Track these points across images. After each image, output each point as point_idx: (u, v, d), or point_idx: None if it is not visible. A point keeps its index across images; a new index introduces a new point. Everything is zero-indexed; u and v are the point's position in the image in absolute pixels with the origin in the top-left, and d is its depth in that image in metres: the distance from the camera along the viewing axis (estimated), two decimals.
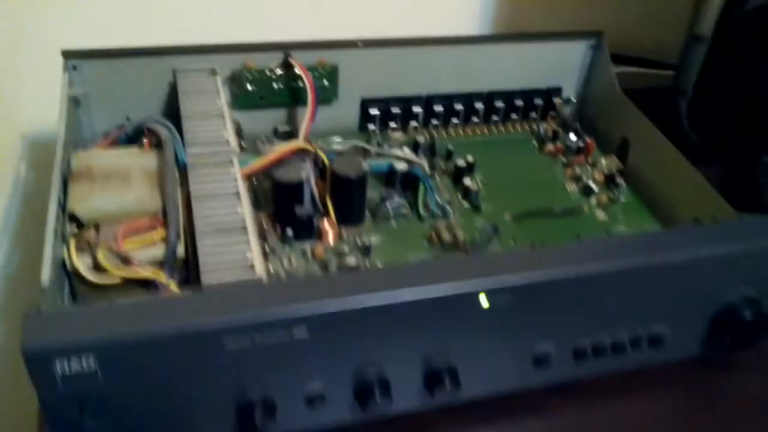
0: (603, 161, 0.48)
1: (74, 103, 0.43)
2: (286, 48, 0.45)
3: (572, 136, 0.49)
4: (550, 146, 0.49)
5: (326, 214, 0.41)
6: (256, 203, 0.41)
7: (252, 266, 0.32)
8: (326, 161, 0.41)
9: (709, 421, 0.36)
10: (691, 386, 0.38)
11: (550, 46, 0.50)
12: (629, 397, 0.37)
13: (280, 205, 0.40)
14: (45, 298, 0.28)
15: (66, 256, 0.33)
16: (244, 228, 0.34)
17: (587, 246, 0.33)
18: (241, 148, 0.43)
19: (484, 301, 0.30)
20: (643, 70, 0.58)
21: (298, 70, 0.45)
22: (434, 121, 0.50)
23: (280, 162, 0.40)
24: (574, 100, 0.52)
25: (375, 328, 0.30)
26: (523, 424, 0.35)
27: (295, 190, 0.39)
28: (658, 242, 0.33)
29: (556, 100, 0.51)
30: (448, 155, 0.47)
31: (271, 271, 0.37)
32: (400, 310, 0.29)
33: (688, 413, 0.37)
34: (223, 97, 0.43)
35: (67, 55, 0.42)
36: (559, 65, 0.51)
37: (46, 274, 0.29)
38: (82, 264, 0.33)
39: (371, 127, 0.49)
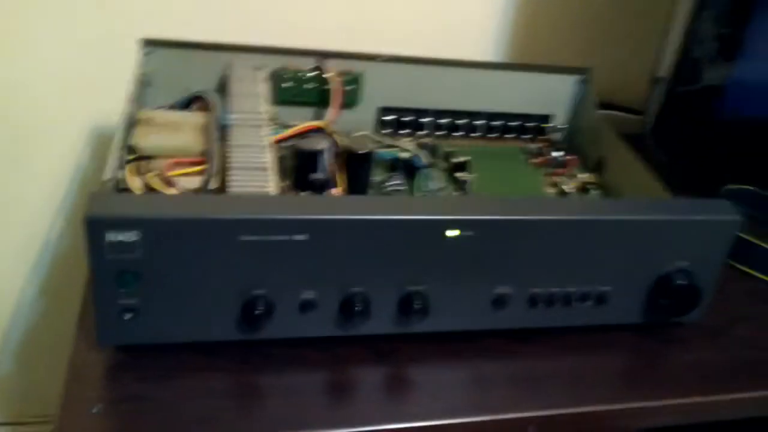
0: (581, 175, 0.55)
1: (143, 82, 0.52)
2: (320, 55, 0.55)
3: (557, 153, 0.57)
4: (536, 159, 0.57)
5: (337, 185, 0.49)
6: (280, 174, 0.49)
7: None
8: (340, 140, 0.49)
9: (647, 379, 0.41)
10: (634, 350, 0.43)
11: (545, 77, 0.59)
12: (577, 352, 0.42)
13: (299, 170, 0.48)
14: (105, 186, 0.36)
15: (123, 177, 0.41)
16: (266, 169, 0.42)
17: (545, 200, 0.40)
18: None
19: (450, 232, 0.37)
20: (623, 115, 0.66)
21: (328, 74, 0.54)
22: (440, 132, 0.59)
23: (302, 135, 0.49)
24: (563, 127, 0.60)
25: (360, 243, 0.37)
26: (480, 362, 0.41)
27: (313, 157, 0.47)
28: (604, 205, 0.40)
29: (547, 126, 0.59)
30: (447, 157, 0.55)
31: None
32: (380, 228, 0.36)
33: (628, 371, 0.42)
34: (263, 86, 0.52)
35: (144, 42, 0.52)
36: (551, 95, 0.59)
37: (108, 173, 0.37)
38: (134, 183, 0.41)
39: (385, 131, 0.58)
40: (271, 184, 0.41)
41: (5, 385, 0.82)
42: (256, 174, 0.41)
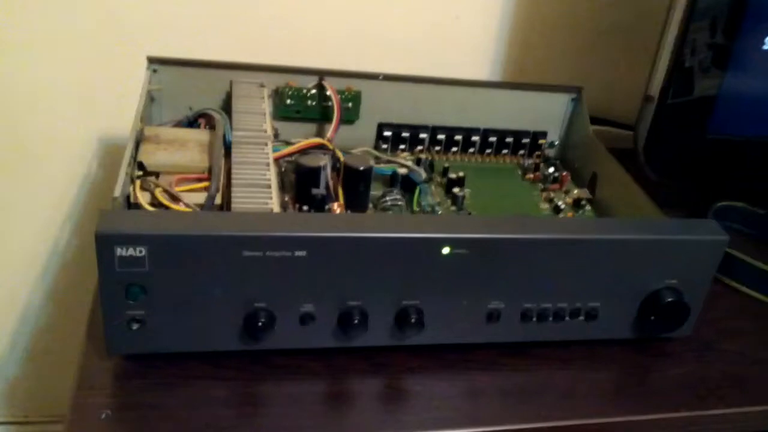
0: (575, 191, 0.56)
1: (150, 98, 0.54)
2: (321, 73, 0.56)
3: (551, 169, 0.58)
4: (530, 175, 0.58)
5: (337, 199, 0.50)
6: (282, 188, 0.51)
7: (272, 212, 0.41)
8: (341, 156, 0.51)
9: (637, 393, 0.43)
10: (624, 364, 0.44)
11: (539, 95, 0.60)
12: (568, 366, 0.44)
13: (300, 186, 0.49)
14: (115, 203, 0.38)
15: (131, 192, 0.43)
16: (269, 186, 0.43)
17: (536, 220, 0.41)
18: None
19: (445, 249, 0.39)
20: (617, 131, 0.67)
21: (329, 92, 0.56)
22: (437, 148, 0.60)
23: (304, 152, 0.50)
24: (557, 143, 0.62)
25: (358, 259, 0.38)
26: (473, 375, 0.42)
27: (314, 174, 0.49)
28: (594, 225, 0.41)
29: (542, 141, 0.61)
30: (444, 172, 0.57)
31: None
32: (377, 245, 0.38)
33: (618, 384, 0.43)
34: (266, 103, 0.53)
35: (151, 60, 0.54)
36: (546, 112, 0.61)
37: (117, 190, 0.39)
38: (143, 198, 0.42)
39: (384, 146, 0.59)
40: (273, 200, 0.42)
41: (14, 385, 0.84)
42: (259, 191, 0.43)
